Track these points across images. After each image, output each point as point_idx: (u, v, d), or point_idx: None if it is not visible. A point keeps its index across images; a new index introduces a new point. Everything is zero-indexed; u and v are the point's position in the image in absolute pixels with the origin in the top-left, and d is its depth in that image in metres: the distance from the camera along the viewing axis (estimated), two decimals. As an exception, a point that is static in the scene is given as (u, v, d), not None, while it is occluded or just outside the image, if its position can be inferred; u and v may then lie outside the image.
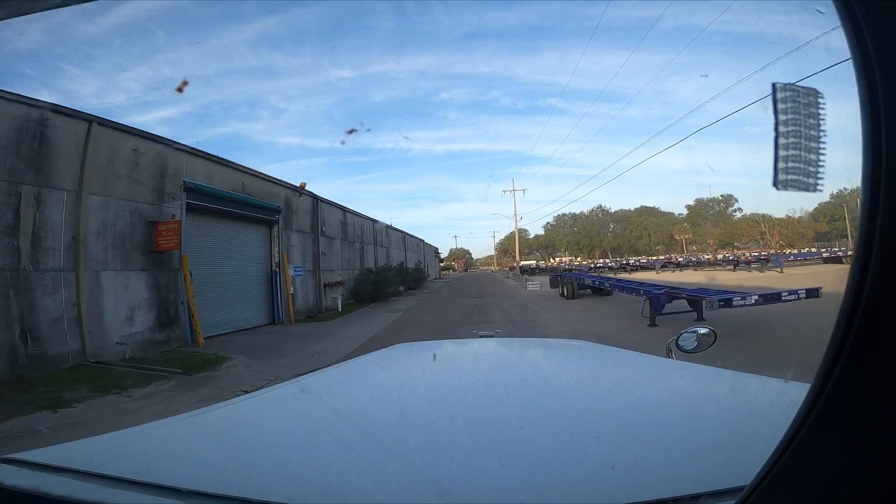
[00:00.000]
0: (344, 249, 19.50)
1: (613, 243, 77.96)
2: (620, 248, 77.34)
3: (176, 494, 0.65)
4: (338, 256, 18.57)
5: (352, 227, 20.70)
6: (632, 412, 1.02)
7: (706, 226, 74.02)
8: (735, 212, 73.28)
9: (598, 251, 77.83)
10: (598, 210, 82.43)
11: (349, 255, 20.10)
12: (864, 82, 0.38)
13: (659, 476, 0.67)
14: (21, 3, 0.94)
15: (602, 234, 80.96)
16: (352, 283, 19.64)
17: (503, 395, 1.21)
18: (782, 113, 0.69)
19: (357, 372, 1.75)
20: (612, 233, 78.84)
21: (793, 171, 0.69)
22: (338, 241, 18.75)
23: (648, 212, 79.63)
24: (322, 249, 16.82)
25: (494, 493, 0.65)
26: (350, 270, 20.01)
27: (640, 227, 77.70)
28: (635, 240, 77.46)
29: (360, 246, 21.90)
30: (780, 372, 1.15)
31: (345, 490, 0.67)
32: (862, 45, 0.38)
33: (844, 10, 0.40)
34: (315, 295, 16.07)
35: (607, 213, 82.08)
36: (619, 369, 1.58)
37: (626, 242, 76.95)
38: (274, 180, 14.02)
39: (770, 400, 1.03)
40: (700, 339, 1.71)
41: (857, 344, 0.38)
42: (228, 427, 1.05)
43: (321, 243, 16.71)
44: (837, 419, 0.41)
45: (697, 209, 75.00)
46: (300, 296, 14.85)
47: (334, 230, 18.42)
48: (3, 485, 0.65)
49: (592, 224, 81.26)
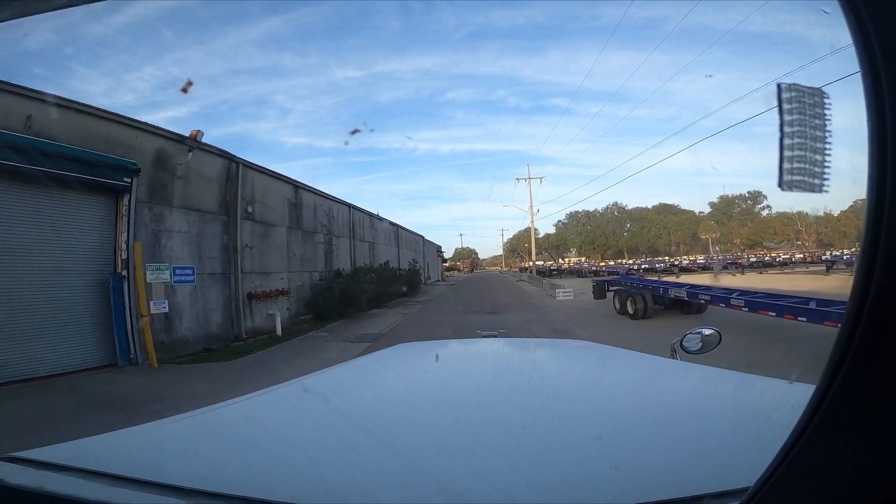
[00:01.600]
0: (295, 242, 13.36)
1: (631, 243, 71.39)
2: (639, 248, 70.80)
3: (179, 493, 0.64)
4: (280, 253, 12.40)
5: (310, 212, 14.57)
6: (635, 413, 1.01)
7: (731, 224, 67.74)
8: (762, 210, 66.84)
9: (611, 251, 71.58)
10: (613, 207, 76.05)
11: (305, 252, 13.95)
12: (869, 81, 0.38)
13: (662, 477, 0.67)
14: (26, 3, 0.94)
15: (618, 233, 74.47)
16: (309, 292, 13.54)
17: (507, 395, 1.21)
18: (787, 113, 0.69)
19: (360, 371, 1.74)
20: (630, 231, 72.12)
21: (798, 171, 0.69)
22: (281, 230, 12.57)
23: (667, 209, 73.22)
24: (246, 241, 10.68)
25: (497, 493, 0.65)
26: (307, 273, 13.89)
27: (659, 226, 71.20)
28: (654, 239, 70.92)
29: (327, 239, 15.75)
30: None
31: (347, 490, 0.67)
32: (867, 44, 0.38)
33: (849, 9, 0.39)
34: (228, 312, 9.92)
35: (623, 211, 75.52)
36: (623, 370, 1.58)
37: (644, 242, 70.33)
38: (131, 122, 7.85)
39: (775, 401, 1.03)
40: (705, 340, 1.70)
41: (862, 345, 0.38)
42: (231, 426, 1.04)
43: (243, 231, 10.58)
44: (842, 421, 0.40)
45: (722, 207, 68.41)
46: (190, 315, 8.71)
47: (275, 214, 12.26)
48: (7, 483, 0.65)
49: (608, 222, 74.75)
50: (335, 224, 16.67)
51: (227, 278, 10.00)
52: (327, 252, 15.65)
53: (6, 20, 0.91)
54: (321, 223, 15.32)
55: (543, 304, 15.99)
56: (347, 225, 18.03)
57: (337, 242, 16.68)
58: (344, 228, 17.66)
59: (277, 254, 12.19)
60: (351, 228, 18.34)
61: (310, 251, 14.33)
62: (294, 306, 12.88)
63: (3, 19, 0.91)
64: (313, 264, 14.45)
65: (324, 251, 15.38)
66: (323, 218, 15.50)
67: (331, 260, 15.84)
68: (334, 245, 16.36)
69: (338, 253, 16.65)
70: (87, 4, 1.12)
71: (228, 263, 10.09)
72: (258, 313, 10.95)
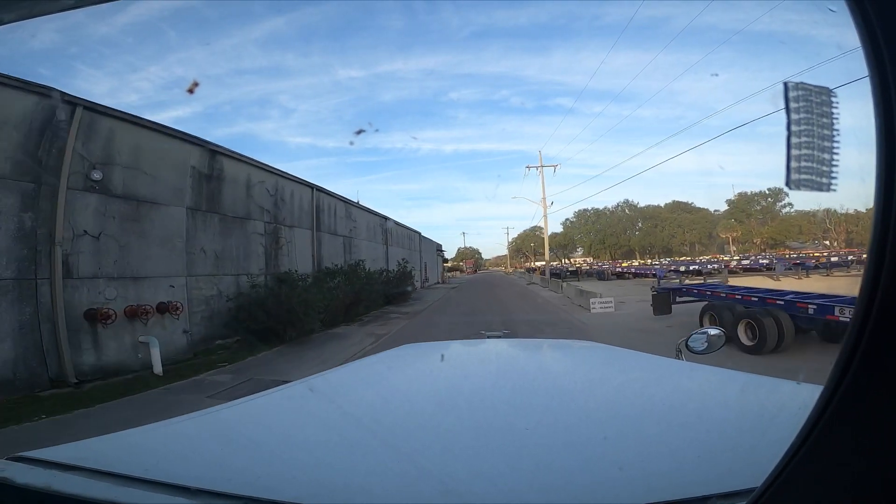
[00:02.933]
0: (205, 232, 8.83)
1: (644, 242, 66.68)
2: (653, 247, 66.19)
3: (185, 493, 0.64)
4: (170, 246, 7.81)
5: (239, 190, 10.06)
6: (640, 413, 1.01)
7: (750, 223, 63.17)
8: (784, 207, 62.07)
9: (621, 251, 67.03)
10: (623, 205, 71.44)
11: (227, 247, 9.44)
12: (876, 80, 0.38)
13: (667, 478, 0.66)
14: (34, 4, 0.94)
15: (630, 231, 69.89)
16: (227, 306, 9.07)
17: (510, 396, 1.20)
18: (795, 112, 0.69)
19: (365, 372, 1.73)
20: (642, 230, 67.38)
21: (806, 170, 0.70)
22: (173, 213, 7.99)
23: (681, 207, 68.69)
24: (85, 226, 6.21)
25: (500, 493, 0.64)
26: (230, 277, 9.40)
27: (672, 225, 66.51)
28: (668, 238, 66.18)
29: (271, 230, 11.24)
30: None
31: (350, 490, 0.67)
32: (874, 43, 0.38)
33: (857, 9, 0.39)
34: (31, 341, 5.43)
35: (635, 209, 70.89)
36: (628, 370, 1.55)
37: (659, 241, 65.66)
38: None
39: (781, 402, 1.03)
40: (710, 340, 1.68)
41: (870, 346, 0.38)
42: (237, 426, 1.04)
43: (78, 209, 6.10)
44: (850, 421, 0.40)
45: (741, 204, 63.62)
46: None
47: (160, 187, 7.70)
48: (15, 483, 0.64)
49: (618, 221, 70.01)
50: (287, 210, 12.17)
51: (28, 287, 5.51)
52: (271, 248, 11.14)
53: (14, 21, 0.91)
54: (260, 207, 10.81)
55: (575, 318, 11.41)
56: (309, 212, 13.52)
57: (290, 235, 12.18)
58: (304, 217, 13.16)
59: (164, 248, 7.65)
60: (315, 217, 13.82)
61: (237, 246, 9.82)
62: (203, 327, 8.39)
63: (10, 20, 0.91)
64: (244, 265, 9.95)
65: (264, 247, 10.87)
66: (264, 199, 11.00)
67: (277, 259, 11.34)
68: (285, 238, 11.85)
69: (292, 249, 12.15)
70: (93, 6, 1.08)
71: (35, 262, 5.60)
72: (115, 341, 6.47)
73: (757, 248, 61.42)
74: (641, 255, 65.92)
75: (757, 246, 61.92)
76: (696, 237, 66.91)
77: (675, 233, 66.75)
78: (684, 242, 67.85)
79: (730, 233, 61.09)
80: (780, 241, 58.63)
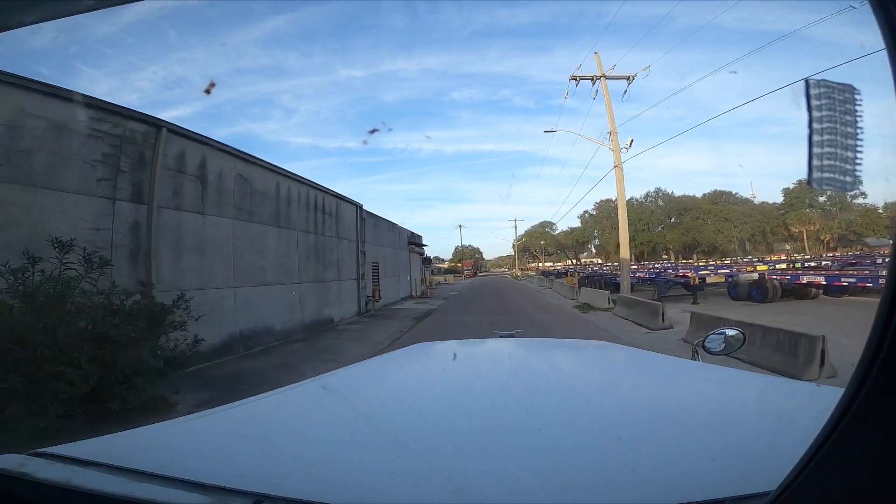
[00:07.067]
0: None
1: (685, 239, 54.69)
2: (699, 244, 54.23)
3: (200, 489, 0.65)
4: None
5: None
6: (654, 415, 1.00)
7: (815, 216, 51.28)
8: (856, 198, 49.71)
9: (647, 248, 55.19)
10: (655, 195, 59.74)
11: None
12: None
13: (681, 480, 0.66)
14: (56, 5, 0.92)
15: (665, 226, 58.06)
16: None
17: (522, 395, 1.21)
18: (816, 110, 0.67)
19: (377, 370, 1.76)
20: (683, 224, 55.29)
21: (828, 168, 0.67)
22: None
23: (723, 197, 56.89)
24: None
25: (511, 493, 0.64)
26: None
27: (718, 218, 54.63)
28: (713, 234, 54.22)
29: None
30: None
31: (361, 488, 0.67)
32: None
33: (879, 8, 0.38)
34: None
35: (670, 199, 59.05)
36: (642, 371, 1.56)
37: (704, 237, 53.72)
38: None
39: (800, 404, 1.02)
40: (728, 340, 1.66)
41: (894, 348, 0.37)
42: (250, 423, 1.06)
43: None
44: (873, 426, 0.39)
45: (801, 194, 51.39)
46: None
47: None
48: (35, 478, 0.65)
49: (651, 214, 58.13)
50: None
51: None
52: None
53: (34, 23, 0.89)
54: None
55: None
56: None
57: None
58: None
59: None
60: None
61: None
62: None
63: (31, 22, 0.89)
64: None
65: None
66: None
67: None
68: None
69: None
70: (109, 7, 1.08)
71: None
72: None
73: (825, 244, 49.80)
74: (674, 255, 54.83)
75: (826, 242, 50.24)
76: (747, 232, 55.26)
77: (721, 227, 54.96)
78: (733, 238, 56.05)
79: (805, 226, 49.52)
80: (855, 236, 46.83)
